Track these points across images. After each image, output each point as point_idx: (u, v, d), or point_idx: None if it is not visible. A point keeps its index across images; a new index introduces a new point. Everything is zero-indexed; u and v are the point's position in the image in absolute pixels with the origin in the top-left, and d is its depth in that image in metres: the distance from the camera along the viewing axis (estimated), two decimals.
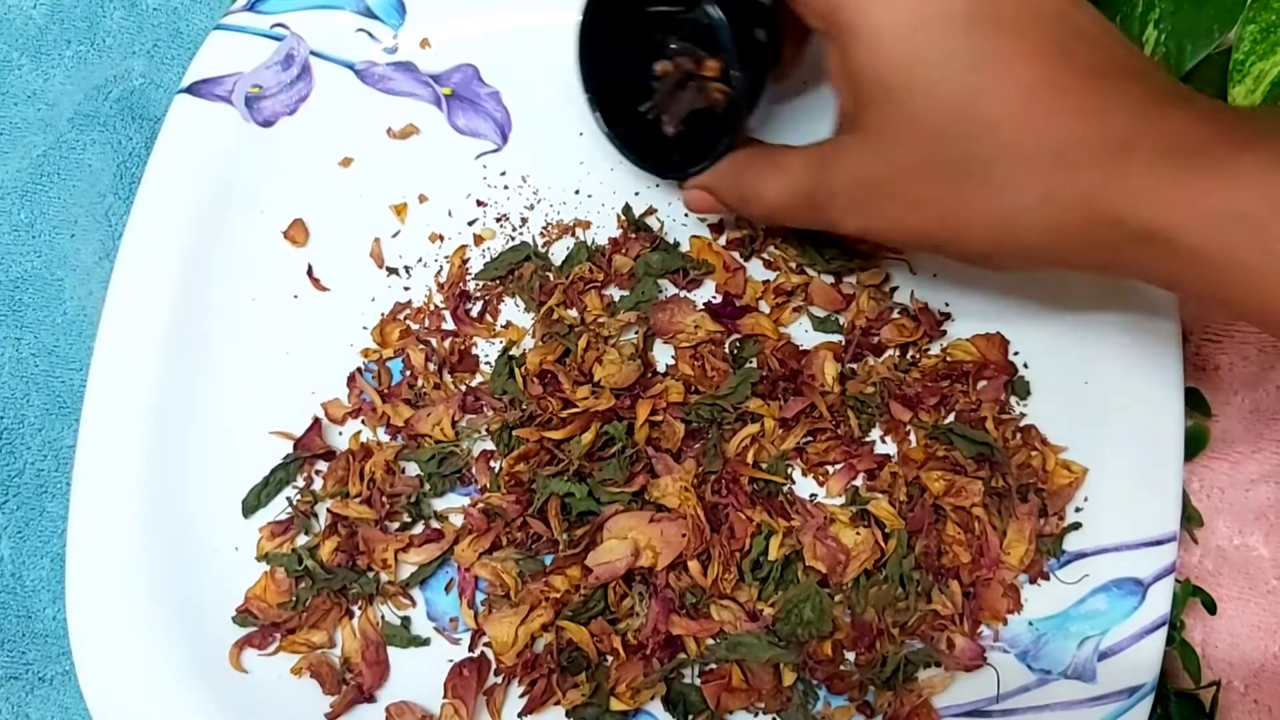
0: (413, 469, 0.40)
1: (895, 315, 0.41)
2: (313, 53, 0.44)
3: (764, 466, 0.39)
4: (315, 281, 0.42)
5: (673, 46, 0.38)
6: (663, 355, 0.41)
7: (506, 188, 0.43)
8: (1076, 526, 0.39)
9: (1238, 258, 0.27)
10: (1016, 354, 0.40)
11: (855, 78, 0.31)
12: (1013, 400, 0.40)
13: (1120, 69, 0.29)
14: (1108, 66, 0.29)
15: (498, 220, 0.43)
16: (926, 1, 0.29)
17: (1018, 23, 0.29)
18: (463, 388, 0.41)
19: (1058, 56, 0.29)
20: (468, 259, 0.42)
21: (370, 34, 0.44)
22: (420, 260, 0.43)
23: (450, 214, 0.43)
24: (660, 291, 0.41)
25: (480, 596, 0.38)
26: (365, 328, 0.42)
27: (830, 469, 0.39)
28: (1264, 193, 0.26)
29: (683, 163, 0.38)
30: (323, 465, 0.40)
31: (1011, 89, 0.28)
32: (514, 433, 0.39)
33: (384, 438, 0.41)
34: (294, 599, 0.39)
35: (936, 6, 0.29)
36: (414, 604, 0.39)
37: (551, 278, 0.42)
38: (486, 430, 0.40)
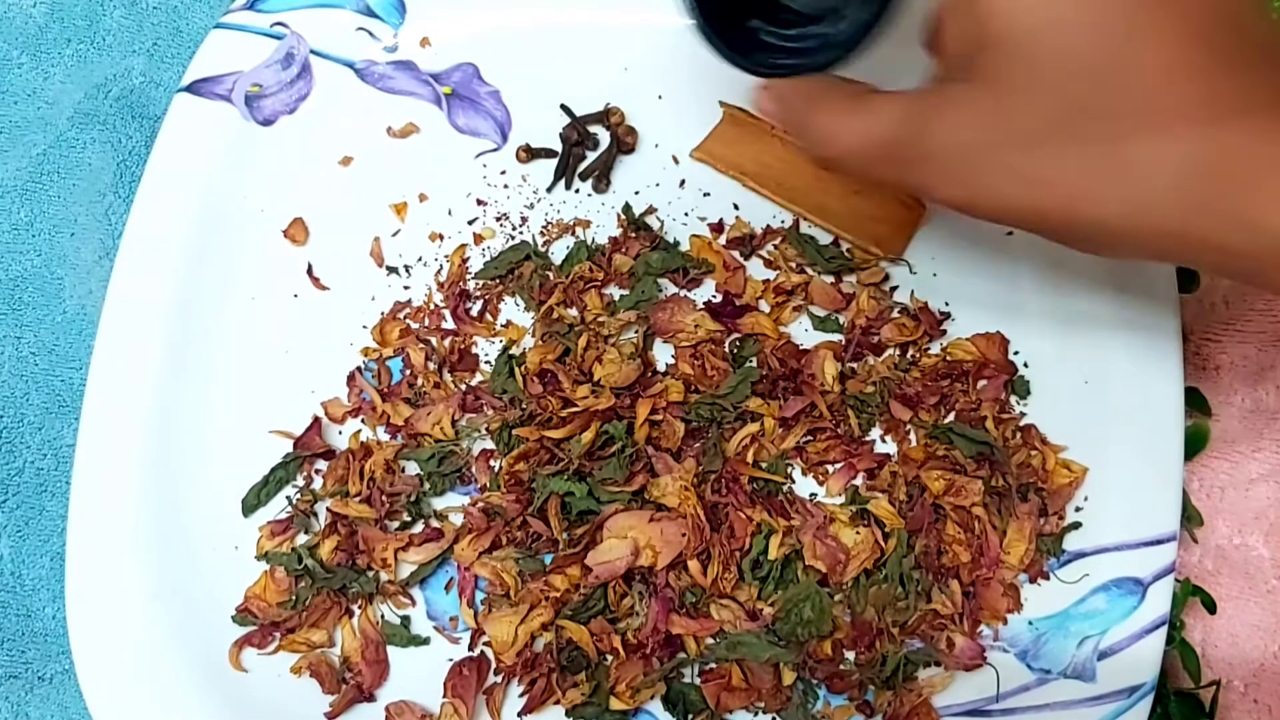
0: (413, 468, 0.40)
1: (895, 315, 0.41)
2: (313, 51, 0.44)
3: (764, 466, 0.39)
4: (315, 280, 0.42)
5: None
6: (663, 354, 0.41)
7: (506, 187, 0.43)
8: (1076, 526, 0.38)
9: None
10: (1016, 354, 0.40)
11: (982, 14, 0.27)
12: (1013, 400, 0.40)
13: (1261, 57, 0.26)
14: (1253, 56, 0.26)
15: (498, 219, 0.43)
16: None
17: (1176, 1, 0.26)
18: (463, 387, 0.41)
19: (1213, 44, 0.26)
20: (468, 258, 0.42)
21: (370, 33, 0.44)
22: (420, 259, 0.43)
23: (450, 213, 0.43)
24: (660, 291, 0.41)
25: (480, 596, 0.38)
26: (365, 327, 0.42)
27: (830, 468, 0.39)
28: None
29: (772, 58, 0.34)
30: (323, 464, 0.40)
31: (1174, 69, 0.26)
32: (514, 432, 0.39)
33: (384, 437, 0.40)
34: (294, 598, 0.39)
35: None
36: (414, 603, 0.39)
37: (551, 277, 0.42)
38: (486, 429, 0.40)
